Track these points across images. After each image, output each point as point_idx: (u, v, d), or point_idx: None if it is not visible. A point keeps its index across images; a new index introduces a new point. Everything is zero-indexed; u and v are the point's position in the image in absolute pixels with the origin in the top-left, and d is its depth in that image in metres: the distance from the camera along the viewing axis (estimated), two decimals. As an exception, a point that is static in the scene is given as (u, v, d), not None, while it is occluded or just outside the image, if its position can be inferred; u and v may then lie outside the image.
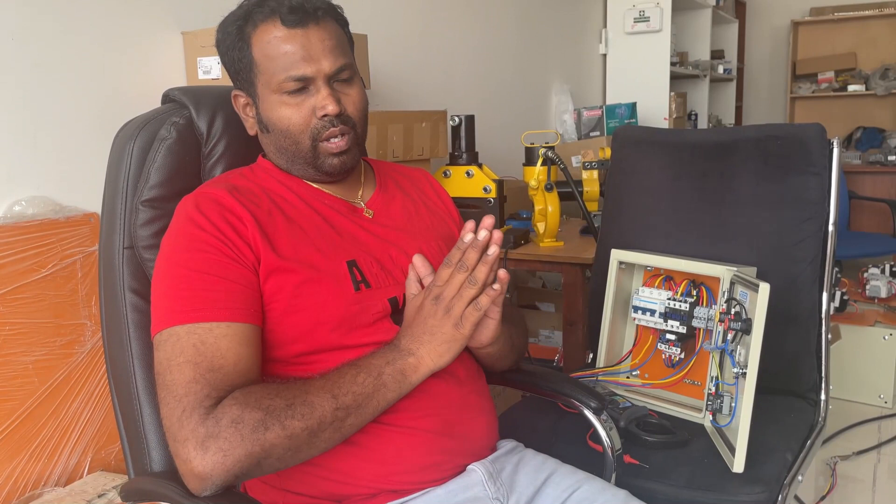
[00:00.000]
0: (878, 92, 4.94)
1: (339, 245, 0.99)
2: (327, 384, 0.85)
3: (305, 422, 0.82)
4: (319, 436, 0.84)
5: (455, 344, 0.92)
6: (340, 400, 0.84)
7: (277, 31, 0.95)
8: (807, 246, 1.45)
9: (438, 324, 0.91)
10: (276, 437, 0.80)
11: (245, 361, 0.86)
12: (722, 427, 1.26)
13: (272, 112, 0.98)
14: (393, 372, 0.89)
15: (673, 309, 1.38)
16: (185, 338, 0.85)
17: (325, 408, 0.83)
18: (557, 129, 3.50)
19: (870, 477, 2.21)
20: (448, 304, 0.90)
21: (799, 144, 1.47)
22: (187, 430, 0.80)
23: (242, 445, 0.79)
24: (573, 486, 1.02)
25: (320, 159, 0.99)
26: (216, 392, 0.82)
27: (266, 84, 0.97)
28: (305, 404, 0.83)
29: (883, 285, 2.85)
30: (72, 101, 1.53)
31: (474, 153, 2.18)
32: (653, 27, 3.80)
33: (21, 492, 1.37)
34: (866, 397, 2.66)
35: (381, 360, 0.89)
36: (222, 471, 0.78)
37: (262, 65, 0.97)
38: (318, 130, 0.97)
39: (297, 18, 0.94)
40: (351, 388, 0.86)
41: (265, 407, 0.81)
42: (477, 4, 2.96)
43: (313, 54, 0.95)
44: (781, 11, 5.36)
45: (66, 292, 1.45)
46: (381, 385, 0.88)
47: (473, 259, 0.90)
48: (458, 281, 0.90)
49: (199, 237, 0.90)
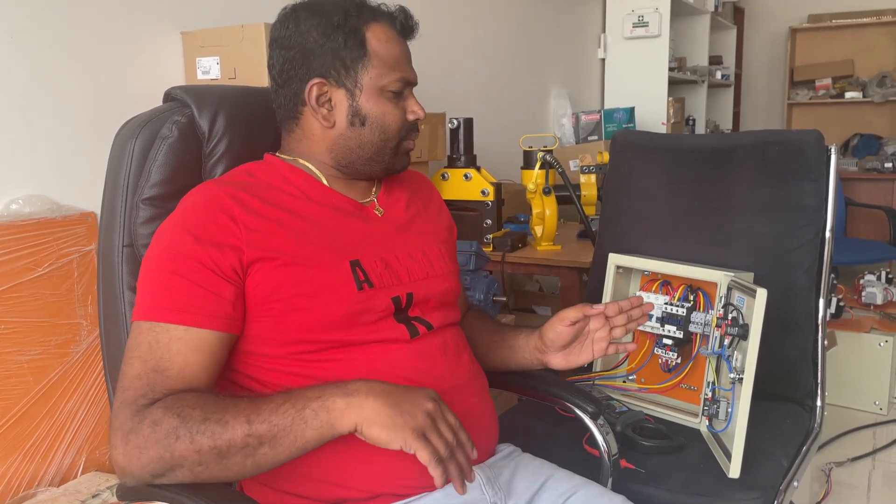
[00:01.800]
0: (875, 99, 4.96)
1: (342, 244, 0.99)
2: (249, 407, 0.82)
3: (214, 441, 0.80)
4: (229, 458, 0.80)
5: (391, 434, 0.80)
6: (254, 427, 0.80)
7: (392, 34, 1.02)
8: (804, 252, 1.45)
9: (407, 413, 0.81)
10: (185, 448, 0.80)
11: (192, 368, 0.87)
12: (718, 432, 1.26)
13: (376, 107, 1.01)
14: (317, 408, 0.81)
15: (670, 314, 1.38)
16: (144, 333, 0.87)
17: (237, 431, 0.80)
18: (556, 132, 3.51)
19: (864, 483, 2.21)
20: (420, 423, 0.80)
21: (797, 151, 1.47)
22: (118, 421, 0.83)
23: (155, 448, 0.80)
24: (570, 490, 1.02)
25: (398, 157, 1.06)
26: (152, 393, 0.84)
27: (376, 77, 1.00)
28: (219, 423, 0.80)
29: (879, 292, 2.86)
30: (69, 101, 1.53)
31: (473, 156, 2.19)
32: (651, 32, 3.81)
33: (15, 491, 1.36)
34: (862, 404, 2.67)
35: (315, 391, 0.83)
36: (137, 466, 0.81)
37: (376, 59, 1.00)
38: (409, 131, 1.06)
39: (406, 30, 1.04)
40: (269, 417, 0.81)
41: (184, 416, 0.81)
42: (476, 8, 2.97)
43: (411, 63, 1.05)
44: (779, 18, 5.38)
45: (62, 291, 1.44)
46: (300, 419, 0.80)
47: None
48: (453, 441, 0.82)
49: (181, 238, 0.91)
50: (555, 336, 1.08)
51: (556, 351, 1.10)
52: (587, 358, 1.09)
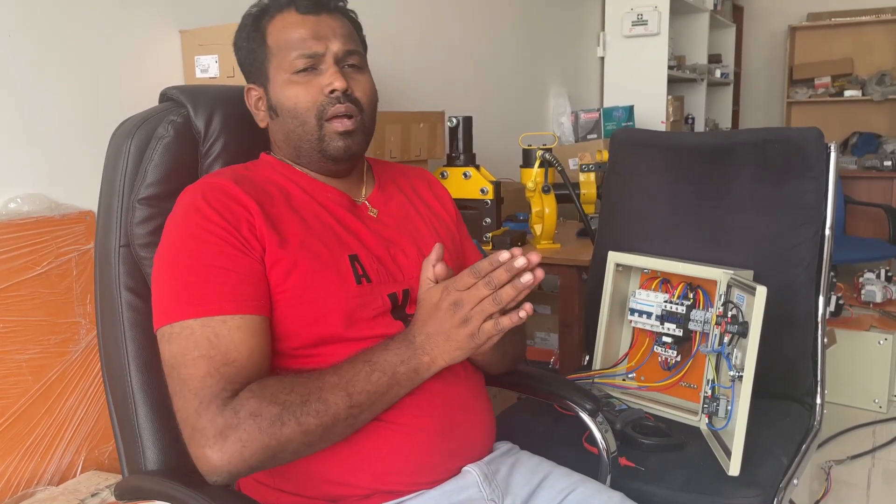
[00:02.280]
0: (874, 97, 4.95)
1: (341, 238, 0.99)
2: (342, 381, 0.86)
3: (320, 419, 0.83)
4: (333, 431, 0.85)
5: (467, 350, 0.90)
6: (355, 398, 0.85)
7: (291, 18, 0.99)
8: (803, 250, 1.45)
9: (454, 330, 0.88)
10: (293, 432, 0.82)
11: (257, 353, 0.87)
12: (718, 430, 1.26)
13: (281, 93, 1.00)
14: (407, 371, 0.89)
15: (669, 312, 1.38)
16: (199, 331, 0.85)
17: (340, 405, 0.84)
18: (555, 131, 3.50)
19: (864, 481, 2.22)
20: (466, 314, 0.87)
21: (796, 149, 1.47)
22: (206, 420, 0.81)
23: (260, 438, 0.81)
24: (568, 488, 1.02)
25: (325, 141, 0.99)
26: (231, 385, 0.83)
27: (278, 66, 1.00)
28: (321, 401, 0.84)
29: (878, 290, 2.86)
30: (68, 99, 1.52)
31: (472, 154, 2.18)
32: (651, 31, 3.81)
33: (14, 490, 1.36)
34: (861, 402, 2.67)
35: (395, 357, 0.88)
36: (239, 460, 0.80)
37: (274, 49, 1.00)
38: (325, 107, 0.98)
39: (311, 5, 0.99)
40: (365, 387, 0.86)
41: (282, 402, 0.82)
42: (475, 6, 2.96)
43: (323, 35, 0.99)
44: (779, 16, 5.37)
45: (60, 290, 1.44)
46: (394, 383, 0.88)
47: (501, 278, 0.86)
48: (480, 294, 0.86)
49: (205, 227, 0.90)
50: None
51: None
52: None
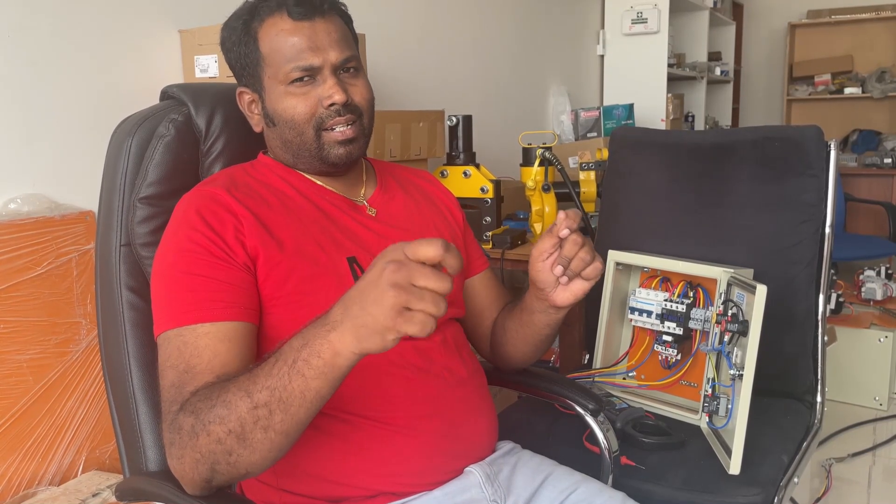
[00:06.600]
0: (874, 95, 4.95)
1: (340, 241, 0.99)
2: (247, 379, 0.75)
3: (225, 425, 0.74)
4: (249, 437, 0.74)
5: (379, 338, 0.67)
6: (255, 397, 0.73)
7: (284, 24, 0.96)
8: (803, 248, 1.45)
9: (379, 295, 0.66)
10: (207, 442, 0.75)
11: (221, 358, 0.84)
12: (718, 429, 1.26)
13: (278, 103, 0.98)
14: (308, 357, 0.71)
15: (670, 310, 1.38)
16: (173, 341, 0.86)
17: (241, 408, 0.73)
18: (555, 129, 3.50)
19: (865, 479, 2.22)
20: (401, 279, 0.65)
21: (796, 147, 1.47)
22: (164, 436, 0.82)
23: (187, 453, 0.78)
24: (570, 487, 1.02)
25: (325, 150, 0.99)
26: (181, 397, 0.81)
27: (273, 76, 0.98)
28: (224, 405, 0.74)
29: (878, 287, 2.86)
30: (68, 99, 1.52)
31: (472, 153, 2.18)
32: (650, 29, 3.80)
33: (15, 490, 1.36)
34: (862, 399, 2.67)
35: (298, 340, 0.73)
36: (184, 475, 0.80)
37: (269, 58, 0.97)
38: (323, 119, 0.97)
39: (304, 11, 0.96)
40: (266, 382, 0.73)
41: (196, 410, 0.77)
42: (475, 5, 2.96)
43: (320, 45, 0.96)
44: (778, 14, 5.37)
45: (61, 290, 1.44)
46: (296, 374, 0.71)
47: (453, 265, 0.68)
48: (426, 270, 0.67)
49: (189, 237, 0.90)
50: (540, 275, 0.97)
51: (553, 288, 0.98)
52: (582, 284, 0.97)
